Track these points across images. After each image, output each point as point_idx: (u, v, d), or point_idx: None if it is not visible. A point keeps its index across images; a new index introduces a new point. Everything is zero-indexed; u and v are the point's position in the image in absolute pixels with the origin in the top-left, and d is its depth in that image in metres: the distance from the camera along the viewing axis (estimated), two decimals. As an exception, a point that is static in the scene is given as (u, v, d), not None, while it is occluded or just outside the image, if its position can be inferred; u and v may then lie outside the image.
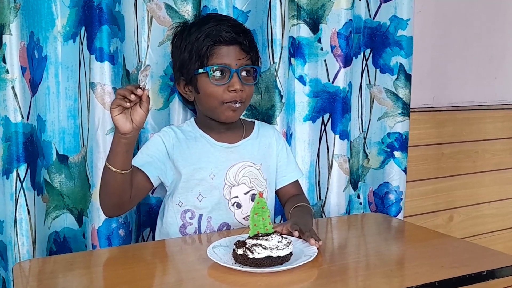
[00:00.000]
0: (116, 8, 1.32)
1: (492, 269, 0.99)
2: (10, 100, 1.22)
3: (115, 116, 1.03)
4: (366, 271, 1.03)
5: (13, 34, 1.20)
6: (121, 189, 1.13)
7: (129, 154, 1.10)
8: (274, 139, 1.36)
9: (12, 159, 1.23)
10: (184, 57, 1.24)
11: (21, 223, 1.24)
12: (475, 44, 2.04)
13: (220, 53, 1.22)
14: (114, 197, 1.14)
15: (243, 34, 1.24)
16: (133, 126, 1.04)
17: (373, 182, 1.69)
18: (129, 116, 1.04)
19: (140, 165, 1.20)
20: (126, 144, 1.07)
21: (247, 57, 1.25)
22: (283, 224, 1.14)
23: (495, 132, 2.12)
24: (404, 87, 1.61)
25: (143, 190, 1.22)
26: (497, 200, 2.18)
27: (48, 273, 1.03)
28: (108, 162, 1.09)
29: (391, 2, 1.59)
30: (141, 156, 1.23)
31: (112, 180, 1.11)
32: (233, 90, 1.21)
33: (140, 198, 1.23)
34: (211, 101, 1.24)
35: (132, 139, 1.07)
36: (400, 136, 1.63)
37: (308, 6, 1.54)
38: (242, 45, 1.23)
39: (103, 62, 1.29)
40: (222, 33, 1.21)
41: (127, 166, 1.10)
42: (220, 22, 1.24)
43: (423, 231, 1.33)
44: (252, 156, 1.30)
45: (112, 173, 1.09)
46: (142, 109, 1.04)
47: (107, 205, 1.17)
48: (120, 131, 1.04)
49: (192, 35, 1.23)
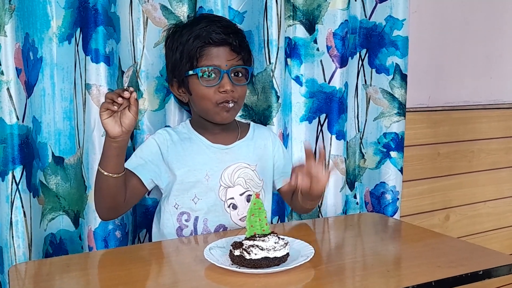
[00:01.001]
0: (112, 9, 1.32)
1: (489, 268, 1.00)
2: (5, 102, 1.21)
3: (104, 120, 1.04)
4: (363, 271, 1.03)
5: (8, 36, 1.19)
6: (114, 192, 1.13)
7: (120, 158, 1.10)
8: (269, 141, 1.36)
9: (8, 161, 1.23)
10: (175, 59, 1.25)
11: (17, 225, 1.24)
12: (470, 44, 2.04)
13: (210, 54, 1.22)
14: (108, 200, 1.14)
15: (233, 34, 1.24)
16: (123, 129, 1.05)
17: (369, 182, 1.69)
18: (118, 120, 1.05)
19: (132, 168, 1.20)
20: (117, 148, 1.08)
21: (238, 57, 1.24)
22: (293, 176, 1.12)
23: (491, 132, 2.13)
24: (400, 87, 1.62)
25: (138, 193, 1.22)
26: (493, 199, 2.19)
27: (44, 275, 1.02)
28: (100, 166, 1.10)
29: (387, 2, 1.59)
30: (134, 159, 1.23)
31: (105, 183, 1.11)
32: (223, 91, 1.21)
33: (135, 201, 1.23)
34: (203, 102, 1.24)
35: (122, 142, 1.08)
36: (396, 136, 1.63)
37: (304, 6, 1.54)
38: (232, 46, 1.23)
39: (98, 63, 1.28)
40: (212, 35, 1.21)
41: (119, 169, 1.11)
42: (211, 23, 1.23)
43: (419, 231, 1.33)
44: (247, 157, 1.30)
45: (105, 176, 1.10)
46: (131, 113, 1.04)
47: (102, 208, 1.18)
48: (110, 135, 1.05)
49: (183, 36, 1.23)
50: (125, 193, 1.16)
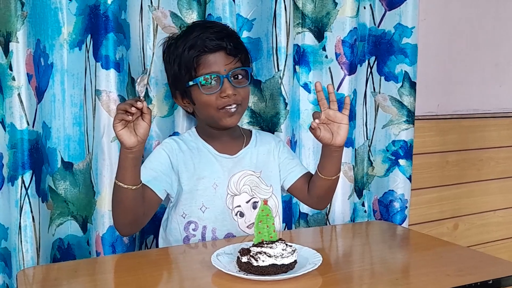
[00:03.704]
0: (122, 16, 1.33)
1: (498, 278, 0.99)
2: (16, 107, 1.22)
3: (119, 131, 1.03)
4: (371, 279, 1.03)
5: (19, 42, 1.21)
6: (134, 205, 1.12)
7: (137, 169, 1.09)
8: (272, 145, 1.35)
9: (17, 166, 1.23)
10: (174, 71, 1.25)
11: (25, 230, 1.24)
12: (479, 52, 2.04)
13: (207, 62, 1.21)
14: (129, 214, 1.13)
15: (227, 38, 1.23)
16: (138, 139, 1.04)
17: (377, 190, 1.68)
18: (132, 130, 1.04)
19: (146, 181, 1.18)
20: (133, 159, 1.07)
21: (235, 60, 1.24)
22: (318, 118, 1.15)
23: (500, 140, 2.12)
24: (408, 95, 1.61)
25: (153, 204, 1.21)
26: (502, 209, 2.17)
27: (52, 280, 1.03)
28: (117, 179, 1.09)
29: (396, 10, 1.59)
30: (145, 171, 1.20)
31: (124, 197, 1.10)
32: (225, 95, 1.21)
33: (152, 213, 1.21)
34: (206, 110, 1.23)
35: (138, 153, 1.07)
36: (405, 144, 1.63)
37: (313, 14, 1.55)
38: (228, 50, 1.22)
39: (108, 70, 1.29)
40: (206, 42, 1.21)
41: (137, 180, 1.10)
42: (204, 30, 1.23)
43: (428, 239, 1.32)
44: (251, 165, 1.30)
45: (124, 190, 1.08)
46: (145, 121, 1.04)
47: (123, 223, 1.15)
48: (126, 146, 1.04)
49: (179, 48, 1.23)
50: (143, 205, 1.15)
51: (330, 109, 1.17)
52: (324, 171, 1.24)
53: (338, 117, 1.17)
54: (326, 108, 1.17)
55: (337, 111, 1.17)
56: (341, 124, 1.17)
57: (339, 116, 1.17)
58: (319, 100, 1.17)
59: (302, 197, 1.35)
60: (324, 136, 1.17)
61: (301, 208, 1.61)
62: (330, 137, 1.17)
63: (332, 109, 1.17)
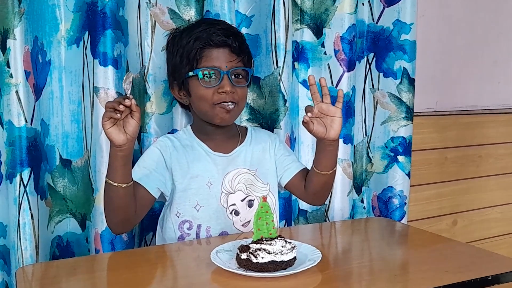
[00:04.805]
0: (120, 13, 1.32)
1: (497, 274, 0.99)
2: (14, 105, 1.22)
3: (108, 129, 1.02)
4: (370, 275, 1.03)
5: (17, 39, 1.20)
6: (125, 204, 1.11)
7: (127, 167, 1.09)
8: (268, 143, 1.35)
9: (16, 163, 1.23)
10: (175, 61, 1.24)
11: (24, 228, 1.24)
12: (478, 48, 2.03)
13: (210, 56, 1.21)
14: (120, 212, 1.13)
15: (233, 36, 1.23)
16: (127, 137, 1.04)
17: (376, 186, 1.68)
18: (121, 128, 1.03)
19: (138, 179, 1.18)
20: (123, 157, 1.06)
21: (238, 59, 1.24)
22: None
23: (499, 137, 2.12)
24: (407, 91, 1.61)
25: (146, 203, 1.20)
26: (501, 205, 2.17)
27: (51, 278, 1.03)
28: (108, 178, 1.09)
29: (394, 6, 1.59)
30: (138, 169, 1.21)
31: (115, 195, 1.10)
32: (223, 91, 1.20)
33: (145, 211, 1.21)
34: (202, 103, 1.23)
35: (127, 151, 1.06)
36: (404, 140, 1.63)
37: (312, 10, 1.54)
38: (232, 48, 1.23)
39: (106, 67, 1.29)
40: (212, 36, 1.21)
41: (128, 178, 1.10)
42: (211, 25, 1.23)
43: (427, 236, 1.32)
44: (246, 162, 1.30)
45: (114, 188, 1.08)
46: (134, 119, 1.03)
47: (114, 222, 1.15)
48: (115, 144, 1.04)
49: (184, 39, 1.23)
50: (135, 203, 1.14)
51: (323, 102, 1.16)
52: (320, 166, 1.23)
53: (331, 111, 1.15)
54: (319, 102, 1.16)
55: (330, 105, 1.15)
56: (335, 118, 1.15)
57: (332, 110, 1.15)
58: (312, 93, 1.16)
59: (299, 193, 1.34)
60: (317, 130, 1.16)
61: (300, 205, 1.61)
62: (324, 131, 1.16)
63: (325, 103, 1.16)
